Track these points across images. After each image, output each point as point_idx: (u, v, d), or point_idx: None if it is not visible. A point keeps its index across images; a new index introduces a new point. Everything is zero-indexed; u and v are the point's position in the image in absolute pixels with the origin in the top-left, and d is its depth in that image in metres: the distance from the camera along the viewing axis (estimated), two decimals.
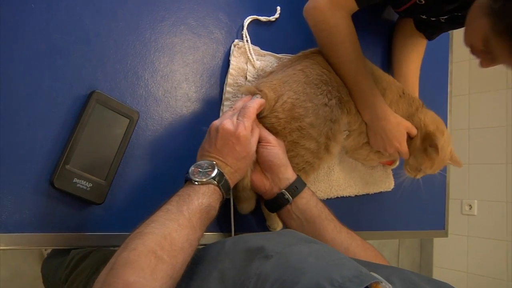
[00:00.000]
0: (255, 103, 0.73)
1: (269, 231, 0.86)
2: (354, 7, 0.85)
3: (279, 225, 0.85)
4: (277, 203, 0.76)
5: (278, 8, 0.92)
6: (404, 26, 1.13)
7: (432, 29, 1.09)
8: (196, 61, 0.81)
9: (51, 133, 0.66)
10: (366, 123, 0.94)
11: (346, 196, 1.05)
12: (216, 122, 0.70)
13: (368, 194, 1.11)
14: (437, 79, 1.40)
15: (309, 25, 0.88)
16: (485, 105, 2.73)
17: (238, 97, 0.83)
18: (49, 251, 1.42)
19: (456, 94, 1.46)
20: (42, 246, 0.65)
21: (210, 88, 0.83)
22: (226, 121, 0.69)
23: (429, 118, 0.97)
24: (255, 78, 0.86)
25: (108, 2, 0.72)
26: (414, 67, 1.14)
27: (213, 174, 0.65)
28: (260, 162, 0.77)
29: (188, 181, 0.66)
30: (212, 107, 0.82)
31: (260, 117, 0.77)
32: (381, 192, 1.15)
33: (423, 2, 0.89)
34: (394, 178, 1.16)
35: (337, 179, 1.02)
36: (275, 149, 0.75)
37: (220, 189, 0.66)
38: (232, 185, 0.70)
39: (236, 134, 0.68)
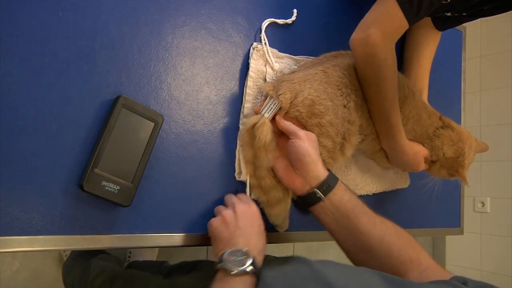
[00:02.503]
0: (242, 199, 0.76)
1: (276, 231, 0.87)
2: (406, 28, 0.82)
3: (284, 223, 0.86)
4: (309, 200, 0.75)
5: (295, 10, 0.94)
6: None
7: (450, 23, 1.09)
8: (217, 64, 0.83)
9: (79, 138, 0.68)
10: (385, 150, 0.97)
11: (363, 195, 1.06)
12: (221, 216, 0.72)
13: (384, 192, 1.12)
14: (450, 77, 1.40)
15: (354, 56, 0.84)
16: (497, 102, 2.72)
17: (258, 99, 0.84)
18: (68, 253, 1.45)
19: (468, 92, 1.46)
20: (73, 247, 0.67)
21: (230, 90, 0.84)
22: (238, 204, 0.72)
23: (446, 140, 0.99)
24: (274, 80, 0.87)
25: (132, 9, 0.73)
26: (426, 62, 1.14)
27: (249, 262, 0.64)
28: (290, 159, 0.76)
29: (221, 270, 0.65)
30: (233, 109, 0.84)
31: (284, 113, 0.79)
32: (397, 190, 1.16)
33: (449, 0, 0.86)
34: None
35: (354, 178, 1.03)
36: (305, 145, 0.74)
37: (255, 275, 0.64)
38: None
39: (252, 210, 0.72)
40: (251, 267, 0.63)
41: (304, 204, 0.77)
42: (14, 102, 0.63)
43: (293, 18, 0.93)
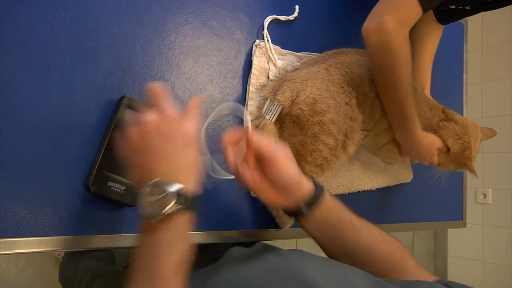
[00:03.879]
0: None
1: (279, 228, 0.87)
2: (420, 15, 0.80)
3: (288, 221, 0.86)
4: (293, 213, 0.72)
5: (297, 7, 0.93)
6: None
7: (453, 17, 1.09)
8: (220, 62, 0.83)
9: (84, 139, 0.68)
10: (397, 139, 0.97)
11: (367, 190, 1.06)
12: (126, 138, 0.55)
13: (387, 187, 1.12)
14: (452, 68, 1.40)
15: (367, 45, 0.82)
16: (498, 94, 2.71)
17: (261, 96, 0.84)
18: (62, 254, 1.45)
19: (469, 83, 1.46)
20: (80, 248, 0.67)
21: (234, 88, 0.84)
22: (145, 116, 0.53)
23: (451, 133, 0.99)
24: (277, 77, 0.87)
25: (135, 9, 0.73)
26: (428, 56, 1.13)
27: (173, 201, 0.50)
28: (272, 184, 0.67)
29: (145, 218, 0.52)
30: None
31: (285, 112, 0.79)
32: (399, 184, 1.16)
33: None
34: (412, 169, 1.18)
35: (357, 173, 1.04)
36: (286, 167, 0.65)
37: (188, 211, 0.53)
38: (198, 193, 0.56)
39: (167, 117, 0.54)
40: (177, 206, 0.50)
41: (288, 214, 0.74)
42: (19, 104, 0.63)
43: (295, 14, 0.93)
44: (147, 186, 0.51)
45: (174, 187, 0.50)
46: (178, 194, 0.51)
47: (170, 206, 0.50)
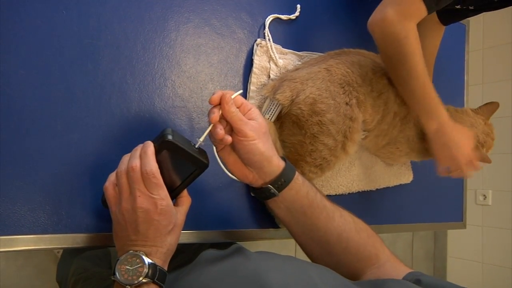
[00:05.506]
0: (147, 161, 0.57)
1: (278, 227, 0.87)
2: (424, 13, 0.82)
3: None
4: (263, 195, 0.69)
5: (298, 6, 0.93)
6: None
7: (456, 17, 1.08)
8: (221, 61, 0.83)
9: (84, 137, 0.68)
10: (428, 137, 0.91)
11: (367, 190, 1.06)
12: (125, 205, 0.57)
13: (386, 188, 1.12)
14: (453, 69, 1.40)
15: (374, 38, 0.84)
16: (499, 95, 2.71)
17: (262, 95, 0.84)
18: (61, 252, 1.45)
19: (470, 84, 1.46)
20: (79, 246, 0.67)
21: (234, 87, 0.84)
22: (140, 200, 0.56)
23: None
24: (276, 78, 0.87)
25: (136, 7, 0.73)
26: (429, 58, 1.13)
27: (145, 270, 0.55)
28: (239, 155, 0.66)
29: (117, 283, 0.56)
30: None
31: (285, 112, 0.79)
32: (400, 185, 1.16)
33: None
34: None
35: (357, 173, 1.03)
36: (253, 143, 0.63)
37: (156, 284, 0.56)
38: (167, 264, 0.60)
39: (158, 211, 0.57)
40: (149, 278, 0.55)
41: (258, 197, 0.72)
42: (19, 102, 0.63)
43: (297, 13, 0.93)
44: (126, 254, 0.56)
45: (149, 261, 0.56)
46: (152, 267, 0.56)
47: (143, 277, 0.55)
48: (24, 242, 0.62)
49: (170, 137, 0.58)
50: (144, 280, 0.55)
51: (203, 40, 0.81)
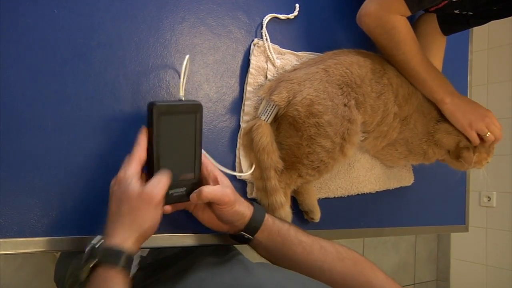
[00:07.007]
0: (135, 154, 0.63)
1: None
2: (407, 12, 0.85)
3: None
4: (239, 240, 0.73)
5: (297, 5, 0.92)
6: (424, 25, 1.10)
7: (457, 26, 1.08)
8: (217, 61, 0.81)
9: (76, 137, 0.67)
10: (446, 110, 0.95)
11: (366, 193, 1.04)
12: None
13: (388, 190, 1.10)
14: (457, 69, 1.38)
15: (365, 31, 0.89)
16: (504, 95, 2.68)
17: (258, 96, 0.83)
18: (59, 253, 1.44)
19: (474, 84, 1.44)
20: (70, 249, 0.67)
21: (230, 88, 0.82)
22: (119, 185, 0.60)
23: (444, 135, 0.97)
24: (274, 78, 0.85)
25: (129, 6, 0.72)
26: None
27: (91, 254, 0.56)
28: (218, 218, 0.71)
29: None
30: (233, 107, 0.82)
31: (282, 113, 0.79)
32: (401, 187, 1.14)
33: None
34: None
35: (357, 176, 1.02)
36: (233, 207, 0.68)
37: (109, 264, 0.56)
38: (139, 246, 0.60)
39: (118, 180, 0.60)
40: (93, 258, 0.56)
41: (237, 242, 0.75)
42: (10, 102, 0.62)
43: (295, 13, 0.91)
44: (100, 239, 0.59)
45: (95, 240, 0.58)
46: (96, 248, 0.57)
47: (89, 257, 0.56)
48: (14, 246, 0.62)
49: (158, 103, 0.63)
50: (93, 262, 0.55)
51: (198, 40, 0.79)
